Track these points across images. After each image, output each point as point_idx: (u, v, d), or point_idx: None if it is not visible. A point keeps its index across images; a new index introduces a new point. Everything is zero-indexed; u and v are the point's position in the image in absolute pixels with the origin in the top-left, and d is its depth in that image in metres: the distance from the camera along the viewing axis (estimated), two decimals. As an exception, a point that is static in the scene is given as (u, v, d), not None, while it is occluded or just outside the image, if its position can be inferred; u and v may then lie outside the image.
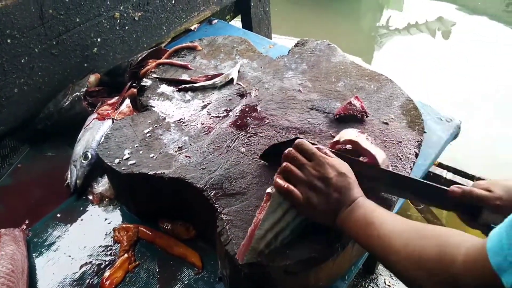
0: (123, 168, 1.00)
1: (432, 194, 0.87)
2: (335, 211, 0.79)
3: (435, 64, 3.51)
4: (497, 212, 0.79)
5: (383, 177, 0.89)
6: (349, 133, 0.96)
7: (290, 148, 0.84)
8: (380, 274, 2.01)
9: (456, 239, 0.64)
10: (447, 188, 0.83)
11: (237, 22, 2.24)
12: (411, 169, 0.99)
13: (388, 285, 1.97)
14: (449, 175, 2.21)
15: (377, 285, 1.98)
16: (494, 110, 3.01)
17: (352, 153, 0.92)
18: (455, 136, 1.35)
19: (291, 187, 0.80)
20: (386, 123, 1.09)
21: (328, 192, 0.79)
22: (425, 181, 0.88)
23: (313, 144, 0.85)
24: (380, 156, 0.90)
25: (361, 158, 0.91)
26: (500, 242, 0.54)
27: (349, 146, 0.94)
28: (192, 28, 1.87)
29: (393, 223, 0.73)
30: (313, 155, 0.82)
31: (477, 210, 0.81)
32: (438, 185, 0.86)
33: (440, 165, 2.26)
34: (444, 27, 4.14)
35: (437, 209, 2.31)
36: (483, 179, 2.13)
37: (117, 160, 1.01)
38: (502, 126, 2.85)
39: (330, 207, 0.79)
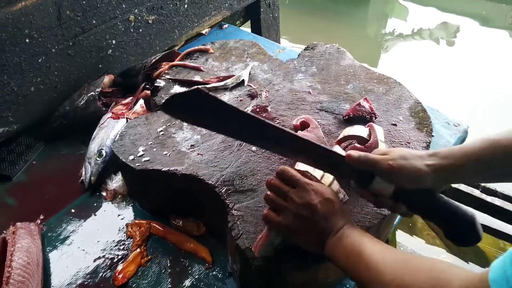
0: (137, 164, 1.02)
1: (329, 160, 0.84)
2: (322, 239, 0.77)
3: (442, 70, 3.53)
4: (387, 178, 0.78)
5: (287, 139, 0.85)
6: (355, 129, 0.99)
7: (272, 177, 0.83)
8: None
9: (448, 273, 0.61)
10: (344, 154, 0.82)
11: (246, 28, 2.28)
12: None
13: None
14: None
15: None
16: (501, 115, 3.01)
17: (357, 150, 0.94)
18: (462, 140, 1.36)
19: (271, 216, 0.79)
20: (395, 125, 1.11)
21: (313, 219, 0.76)
22: (323, 146, 0.85)
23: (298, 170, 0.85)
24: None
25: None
26: (504, 274, 0.51)
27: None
28: (203, 32, 1.90)
29: (381, 253, 0.70)
30: (297, 182, 0.80)
31: (369, 178, 0.80)
32: (335, 151, 0.85)
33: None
34: (448, 33, 4.17)
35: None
36: (488, 188, 2.13)
37: (131, 157, 1.04)
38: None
39: (316, 235, 0.77)
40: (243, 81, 1.28)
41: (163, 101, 0.87)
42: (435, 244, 2.33)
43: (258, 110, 1.17)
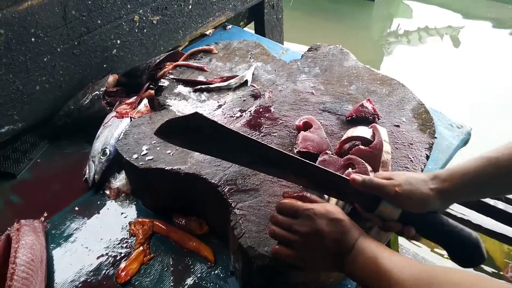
0: (141, 163, 1.03)
1: (333, 183, 0.85)
2: (338, 260, 0.75)
3: (446, 71, 3.53)
4: (394, 202, 0.78)
5: (289, 163, 0.86)
6: (358, 130, 0.99)
7: (273, 214, 0.82)
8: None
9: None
10: (348, 178, 0.82)
11: (250, 29, 2.29)
12: (422, 171, 1.01)
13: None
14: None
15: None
16: (505, 117, 3.01)
17: (362, 151, 0.95)
18: (465, 142, 1.36)
19: (282, 251, 0.78)
20: (398, 126, 1.11)
21: (324, 245, 0.75)
22: (326, 169, 0.86)
23: (296, 194, 0.84)
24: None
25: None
26: None
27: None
28: (207, 33, 1.91)
29: (401, 269, 0.68)
30: (297, 212, 0.78)
31: (375, 202, 0.80)
32: (340, 175, 0.85)
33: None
34: (453, 33, 4.16)
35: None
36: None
37: (135, 156, 1.05)
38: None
39: (332, 259, 0.75)
40: (246, 81, 1.29)
41: (158, 126, 0.88)
42: (437, 246, 2.32)
43: (261, 110, 1.18)
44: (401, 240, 2.21)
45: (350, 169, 0.91)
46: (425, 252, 2.26)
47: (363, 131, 0.99)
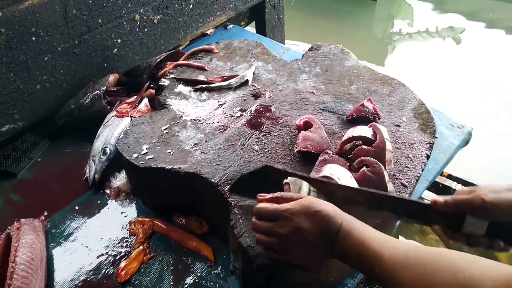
0: (141, 162, 1.03)
1: (414, 210, 0.82)
2: (328, 249, 0.75)
3: (446, 71, 3.52)
4: (481, 216, 0.76)
5: (358, 197, 0.84)
6: (358, 130, 0.99)
7: (253, 220, 0.81)
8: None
9: (475, 271, 0.58)
10: (429, 203, 0.80)
11: (251, 29, 2.28)
12: (422, 170, 1.01)
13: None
14: (459, 187, 2.21)
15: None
16: (507, 117, 3.00)
17: (365, 151, 0.95)
18: (466, 142, 1.36)
19: (272, 255, 0.79)
20: (398, 125, 1.11)
21: (308, 240, 0.74)
22: (405, 198, 0.85)
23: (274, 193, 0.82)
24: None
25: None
26: None
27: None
28: (208, 32, 1.91)
29: (390, 251, 0.68)
30: (274, 215, 0.77)
31: (460, 220, 0.77)
32: (419, 201, 0.83)
33: (450, 177, 2.26)
34: (455, 33, 4.16)
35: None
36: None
37: (135, 155, 1.05)
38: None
39: (323, 250, 0.75)
40: (247, 80, 1.29)
41: (233, 184, 0.95)
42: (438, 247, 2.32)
43: (261, 109, 1.18)
44: (401, 239, 2.20)
45: (364, 168, 0.91)
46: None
47: (363, 131, 0.99)
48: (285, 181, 0.84)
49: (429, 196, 2.48)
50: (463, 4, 4.73)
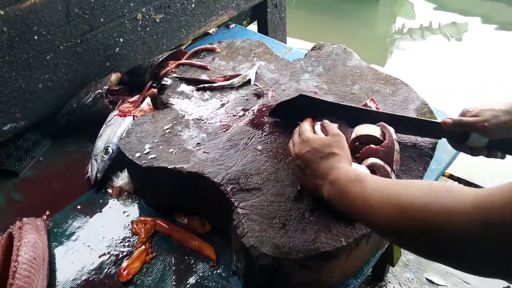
0: (143, 161, 1.03)
1: (425, 127, 1.03)
2: (316, 185, 0.82)
3: (451, 70, 3.52)
4: (484, 135, 0.94)
5: (382, 117, 1.02)
6: (367, 129, 0.99)
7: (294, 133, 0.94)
8: (389, 282, 2.01)
9: (454, 189, 0.58)
10: (439, 121, 0.99)
11: (253, 28, 2.28)
12: (425, 170, 1.00)
13: (397, 293, 1.97)
14: (460, 187, 2.21)
15: (386, 292, 1.98)
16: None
17: (374, 150, 0.95)
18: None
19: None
20: (401, 126, 1.10)
21: (304, 166, 0.85)
22: (417, 117, 1.08)
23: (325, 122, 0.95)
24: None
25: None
26: None
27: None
28: (210, 32, 1.91)
29: (373, 191, 0.69)
30: (301, 135, 0.90)
31: (465, 135, 0.97)
32: (431, 120, 1.05)
33: (451, 177, 2.26)
34: (458, 32, 4.15)
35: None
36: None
37: (137, 154, 1.05)
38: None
39: (310, 180, 0.84)
40: (249, 80, 1.29)
41: (272, 108, 1.13)
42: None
43: (264, 109, 1.18)
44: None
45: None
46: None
47: (372, 130, 0.99)
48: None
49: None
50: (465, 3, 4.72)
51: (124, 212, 1.13)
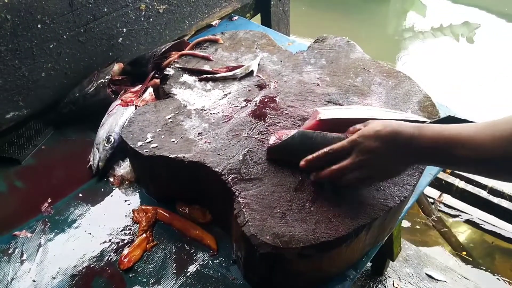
0: (145, 150, 1.03)
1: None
2: (404, 156, 0.80)
3: (460, 68, 3.50)
4: None
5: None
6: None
7: (332, 168, 0.86)
8: (388, 276, 2.02)
9: None
10: (441, 118, 0.95)
11: (257, 21, 2.27)
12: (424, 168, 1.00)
13: (396, 287, 1.98)
14: (461, 184, 2.21)
15: (385, 286, 1.99)
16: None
17: None
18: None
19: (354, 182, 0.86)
20: (403, 118, 1.10)
21: (383, 155, 0.80)
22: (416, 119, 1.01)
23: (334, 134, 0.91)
24: None
25: None
26: None
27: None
28: (213, 23, 1.91)
29: (469, 127, 0.72)
30: (350, 146, 0.83)
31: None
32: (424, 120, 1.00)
33: (453, 174, 2.26)
34: (469, 30, 4.12)
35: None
36: (495, 189, 2.13)
37: (139, 143, 1.05)
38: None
39: (399, 160, 0.81)
40: (252, 71, 1.29)
41: (270, 148, 0.99)
42: (438, 244, 2.33)
43: (266, 100, 1.18)
44: (403, 236, 2.21)
45: None
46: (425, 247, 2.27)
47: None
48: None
49: (431, 193, 2.49)
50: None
51: (126, 200, 1.14)
